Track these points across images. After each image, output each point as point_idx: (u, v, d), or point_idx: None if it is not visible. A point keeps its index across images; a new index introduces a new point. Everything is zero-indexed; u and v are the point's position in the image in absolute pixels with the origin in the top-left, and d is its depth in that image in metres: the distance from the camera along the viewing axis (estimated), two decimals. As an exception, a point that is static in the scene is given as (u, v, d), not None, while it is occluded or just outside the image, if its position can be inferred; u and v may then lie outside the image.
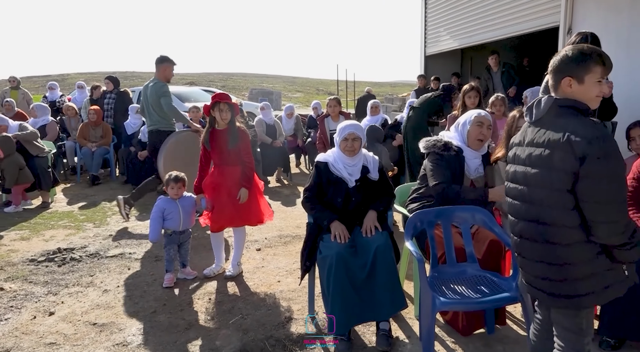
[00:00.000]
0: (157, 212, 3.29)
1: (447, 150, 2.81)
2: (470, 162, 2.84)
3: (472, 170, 2.85)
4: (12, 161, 5.21)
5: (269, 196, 5.96)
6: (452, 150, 2.81)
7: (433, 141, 2.88)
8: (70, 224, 4.87)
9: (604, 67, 1.64)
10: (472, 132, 2.82)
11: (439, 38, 10.37)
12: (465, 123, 2.87)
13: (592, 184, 1.56)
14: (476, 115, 2.83)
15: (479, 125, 2.82)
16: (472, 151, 2.85)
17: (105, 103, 7.51)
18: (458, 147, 2.83)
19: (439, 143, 2.85)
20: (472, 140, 2.84)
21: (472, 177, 2.85)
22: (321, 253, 2.63)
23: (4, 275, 3.54)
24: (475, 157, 2.86)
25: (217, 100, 3.39)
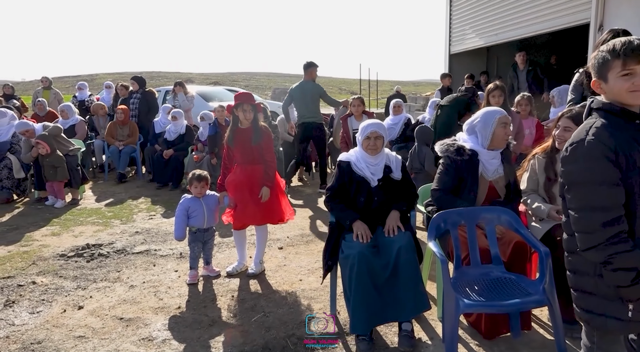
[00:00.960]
0: (181, 211, 3.34)
1: (460, 155, 2.77)
2: (488, 164, 2.79)
3: (490, 172, 2.80)
4: (54, 158, 5.44)
5: (291, 195, 5.98)
6: (466, 154, 2.76)
7: (447, 145, 2.85)
8: (99, 221, 5.00)
9: (625, 58, 1.47)
10: (499, 134, 2.77)
11: (464, 36, 10.23)
12: (487, 125, 2.78)
13: (567, 190, 1.55)
14: (499, 116, 2.77)
15: (503, 126, 2.77)
16: (490, 152, 2.79)
17: (131, 103, 7.68)
18: (472, 150, 2.78)
19: (452, 147, 2.81)
20: (498, 141, 2.78)
21: (491, 178, 2.80)
22: (343, 252, 2.62)
23: (36, 269, 3.66)
24: (493, 157, 2.80)
25: (240, 102, 3.42)
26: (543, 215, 2.69)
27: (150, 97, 7.85)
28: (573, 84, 3.94)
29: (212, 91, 12.38)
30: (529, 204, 2.79)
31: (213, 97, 10.91)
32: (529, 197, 2.81)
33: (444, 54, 10.99)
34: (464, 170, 2.74)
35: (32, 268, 3.68)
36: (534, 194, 2.83)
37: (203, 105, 9.27)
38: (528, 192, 2.84)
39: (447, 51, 10.88)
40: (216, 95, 11.22)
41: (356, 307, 2.47)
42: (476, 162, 2.76)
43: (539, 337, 2.59)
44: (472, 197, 2.73)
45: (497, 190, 2.80)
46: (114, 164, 7.17)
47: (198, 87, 12.21)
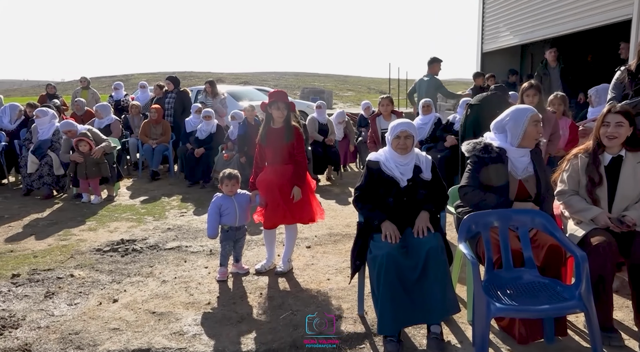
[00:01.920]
0: (214, 209, 3.40)
1: (487, 153, 2.72)
2: (517, 162, 2.73)
3: (519, 171, 2.74)
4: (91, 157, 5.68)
5: (320, 194, 6.00)
6: (493, 152, 2.71)
7: (473, 143, 2.81)
8: (132, 217, 5.15)
9: None
10: (530, 132, 2.71)
11: (498, 34, 9.99)
12: (519, 124, 2.73)
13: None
14: (531, 114, 2.71)
15: (535, 125, 2.71)
16: (519, 150, 2.73)
17: (166, 102, 7.86)
18: (500, 148, 2.73)
19: (478, 146, 2.77)
20: (529, 139, 2.72)
21: (521, 177, 2.74)
22: (371, 253, 2.61)
23: (74, 262, 3.80)
24: (522, 155, 2.74)
25: (274, 99, 3.44)
26: (588, 218, 2.60)
27: (185, 96, 8.02)
28: (614, 82, 3.80)
29: (242, 91, 12.55)
30: (572, 205, 2.70)
31: (243, 96, 11.05)
32: (570, 198, 2.72)
33: (476, 53, 10.77)
34: (492, 168, 2.69)
35: (70, 261, 3.82)
36: (576, 195, 2.74)
37: (233, 104, 9.42)
38: (569, 192, 2.75)
39: (479, 49, 10.66)
40: (246, 95, 11.36)
41: (384, 307, 2.45)
42: (505, 159, 2.70)
43: (574, 345, 2.51)
44: (504, 195, 2.67)
45: (527, 189, 2.73)
46: (148, 162, 7.37)
47: (228, 87, 12.41)
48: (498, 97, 4.72)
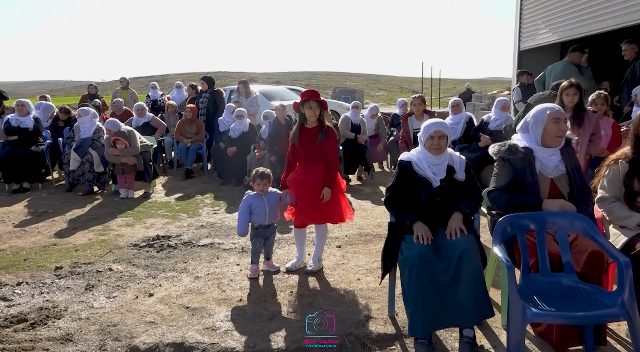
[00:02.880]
0: (244, 207, 3.45)
1: (512, 154, 2.66)
2: (546, 161, 2.66)
3: (550, 169, 2.66)
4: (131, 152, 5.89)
5: (350, 194, 5.99)
6: (519, 152, 2.65)
7: (498, 145, 2.76)
8: (167, 214, 5.28)
9: None
10: (550, 130, 2.64)
11: (536, 31, 9.69)
12: (538, 122, 2.67)
13: None
14: (550, 112, 2.63)
15: (555, 122, 2.62)
16: (547, 149, 2.66)
17: (200, 102, 8.03)
18: (526, 148, 2.67)
19: (503, 147, 2.72)
20: (550, 138, 2.65)
21: (552, 176, 2.66)
22: (402, 253, 2.59)
23: (112, 257, 3.94)
24: (551, 154, 2.67)
25: (306, 98, 3.46)
26: (633, 224, 2.49)
27: (218, 96, 8.17)
28: None
29: (274, 90, 12.67)
30: (614, 212, 2.59)
31: (275, 96, 11.15)
32: (612, 205, 2.61)
33: (513, 51, 10.48)
34: (519, 169, 2.63)
35: (109, 256, 3.96)
36: (618, 202, 2.63)
37: (265, 104, 9.52)
38: (610, 199, 2.64)
39: (516, 47, 10.37)
40: (278, 94, 11.46)
41: (415, 309, 2.43)
42: (532, 159, 2.64)
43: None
44: (536, 196, 2.60)
45: (559, 189, 2.65)
46: (182, 161, 7.55)
47: (261, 87, 12.55)
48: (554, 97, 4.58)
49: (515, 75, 9.61)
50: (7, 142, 6.44)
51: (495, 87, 27.17)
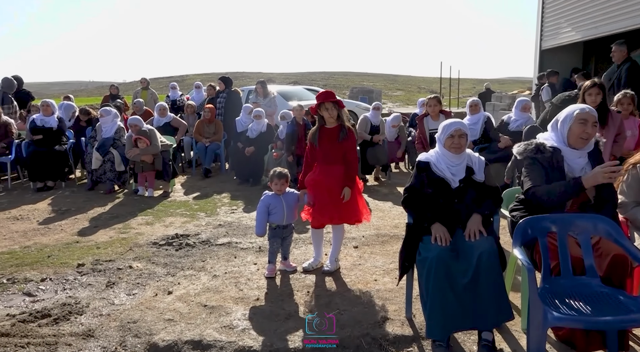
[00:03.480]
0: (262, 207, 3.47)
1: (539, 153, 2.59)
2: (573, 163, 2.59)
3: (576, 171, 2.59)
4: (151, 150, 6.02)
5: (368, 194, 5.97)
6: (547, 151, 2.58)
7: (524, 145, 2.69)
8: (186, 213, 5.35)
9: None
10: (575, 130, 2.57)
11: (559, 29, 9.51)
12: (565, 121, 2.61)
13: None
14: (578, 111, 2.56)
15: (582, 123, 2.55)
16: (574, 151, 2.59)
17: (218, 102, 8.12)
18: (553, 147, 2.60)
19: (529, 146, 2.65)
20: (574, 138, 2.58)
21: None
22: (420, 255, 2.57)
23: (132, 255, 4.01)
24: (578, 156, 2.60)
25: (321, 101, 3.46)
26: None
27: (235, 96, 8.24)
28: None
29: (291, 90, 12.72)
30: (636, 217, 2.52)
31: (292, 96, 11.18)
32: (635, 211, 2.54)
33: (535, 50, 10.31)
34: (547, 168, 2.57)
35: (129, 254, 4.03)
36: (639, 207, 2.56)
37: (283, 104, 9.56)
38: (631, 204, 2.58)
39: (537, 47, 10.20)
40: (295, 95, 11.50)
41: (433, 311, 2.41)
42: (560, 159, 2.58)
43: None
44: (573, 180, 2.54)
45: (585, 192, 2.59)
46: (201, 160, 7.63)
47: (278, 87, 12.61)
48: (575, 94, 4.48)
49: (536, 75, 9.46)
50: (32, 141, 6.61)
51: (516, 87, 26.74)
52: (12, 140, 6.74)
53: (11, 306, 3.06)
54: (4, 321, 2.83)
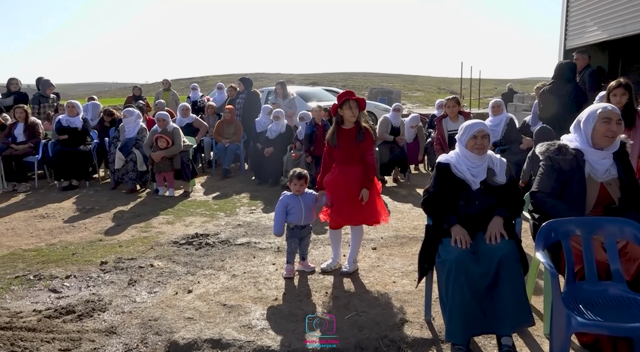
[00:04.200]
0: (281, 207, 3.49)
1: (561, 154, 2.55)
2: (597, 164, 2.54)
3: (600, 173, 2.54)
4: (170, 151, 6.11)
5: (387, 196, 5.94)
6: (569, 153, 2.54)
7: (547, 144, 2.66)
8: (206, 212, 5.41)
9: None
10: (599, 129, 2.52)
11: (584, 28, 9.29)
12: (588, 120, 2.56)
13: None
14: (601, 110, 2.51)
15: (605, 122, 2.50)
16: (598, 151, 2.54)
17: (237, 103, 8.19)
18: (576, 149, 2.55)
19: (552, 147, 2.61)
20: (599, 138, 2.53)
21: (602, 180, 2.54)
22: (440, 257, 2.55)
23: (153, 253, 4.07)
24: (602, 157, 2.55)
25: (345, 98, 3.46)
26: None
27: (254, 97, 8.30)
28: None
29: (310, 91, 12.73)
30: None
31: (312, 97, 11.20)
32: None
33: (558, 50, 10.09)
34: (567, 171, 2.52)
35: (150, 252, 4.10)
36: None
37: (302, 105, 9.59)
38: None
39: (561, 46, 9.98)
40: (315, 95, 11.51)
41: (452, 314, 2.38)
42: (582, 162, 2.53)
43: (668, 369, 2.28)
44: (580, 201, 2.49)
45: (610, 194, 2.52)
46: (220, 161, 7.71)
47: (297, 88, 12.65)
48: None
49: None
50: (58, 141, 6.78)
51: (539, 87, 26.22)
52: (39, 140, 6.93)
53: (37, 302, 3.14)
54: (31, 316, 2.91)
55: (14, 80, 8.67)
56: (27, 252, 4.13)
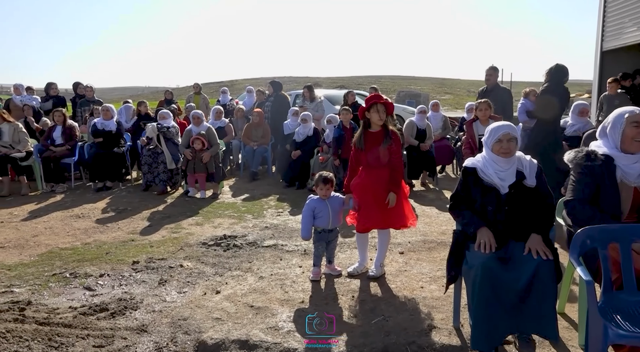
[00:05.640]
0: (308, 211, 3.50)
1: (590, 161, 2.48)
2: (628, 168, 2.46)
3: (632, 177, 2.46)
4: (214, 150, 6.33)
5: (414, 199, 5.87)
6: (598, 159, 2.47)
7: (575, 152, 2.59)
8: (234, 214, 5.48)
9: None
10: (628, 134, 2.45)
11: (622, 29, 8.97)
12: (615, 126, 2.49)
13: None
14: (628, 114, 2.44)
15: (635, 126, 2.43)
16: (629, 156, 2.46)
17: (265, 106, 8.28)
18: (605, 155, 2.48)
19: (579, 153, 2.54)
20: (628, 142, 2.46)
21: (636, 184, 2.45)
22: (467, 263, 2.50)
23: (183, 254, 4.15)
24: (634, 161, 2.46)
25: (373, 102, 3.45)
26: None
27: (283, 100, 8.38)
28: None
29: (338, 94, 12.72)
30: None
31: (339, 100, 11.18)
32: None
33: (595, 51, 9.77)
34: (599, 177, 2.45)
35: (180, 253, 4.18)
36: None
37: (330, 108, 9.60)
38: None
39: (598, 47, 9.66)
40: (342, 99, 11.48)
41: (477, 322, 2.33)
42: (613, 167, 2.46)
43: None
44: (615, 206, 2.41)
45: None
46: (248, 163, 7.80)
47: (325, 91, 12.67)
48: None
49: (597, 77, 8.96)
50: (93, 143, 7.02)
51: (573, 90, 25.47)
52: (76, 142, 7.19)
53: (73, 299, 3.25)
54: (67, 313, 3.01)
55: (53, 84, 9.06)
56: (63, 251, 4.28)
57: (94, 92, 9.12)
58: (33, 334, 2.67)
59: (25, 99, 8.58)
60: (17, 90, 8.73)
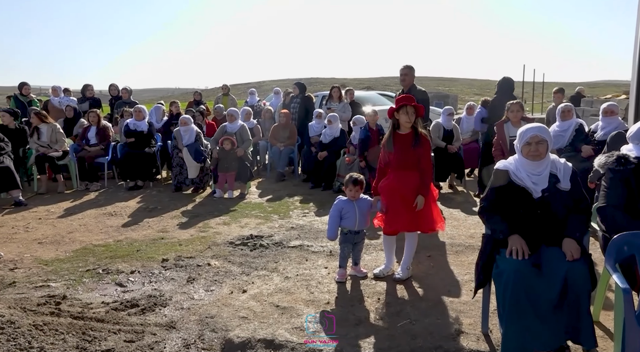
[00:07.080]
0: (335, 212, 3.50)
1: (621, 165, 2.41)
2: None
3: None
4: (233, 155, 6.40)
5: (442, 202, 5.79)
6: (630, 163, 2.39)
7: (605, 157, 2.54)
8: (260, 215, 5.53)
9: None
10: None
11: (661, 27, 8.59)
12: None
13: None
14: None
15: None
16: None
17: (292, 107, 8.32)
18: (638, 158, 2.41)
19: (610, 158, 2.45)
20: None
21: None
22: (498, 268, 2.45)
23: (210, 253, 4.22)
24: None
25: (403, 104, 3.43)
26: None
27: (308, 101, 8.41)
28: None
29: (365, 96, 12.67)
30: None
31: (366, 101, 11.13)
32: None
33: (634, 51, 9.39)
34: (632, 181, 2.36)
35: (207, 251, 4.25)
36: None
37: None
38: None
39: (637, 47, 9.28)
40: (369, 100, 11.43)
41: (509, 329, 2.28)
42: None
43: None
44: None
45: None
46: (275, 164, 7.86)
47: (353, 92, 12.60)
48: None
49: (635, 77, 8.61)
50: (126, 143, 7.21)
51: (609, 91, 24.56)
52: (109, 142, 7.41)
53: (105, 295, 3.35)
54: (100, 308, 3.10)
55: (89, 86, 9.37)
56: (97, 248, 4.42)
57: (130, 94, 9.38)
58: (68, 328, 2.76)
59: (63, 101, 8.89)
60: (55, 92, 9.06)
